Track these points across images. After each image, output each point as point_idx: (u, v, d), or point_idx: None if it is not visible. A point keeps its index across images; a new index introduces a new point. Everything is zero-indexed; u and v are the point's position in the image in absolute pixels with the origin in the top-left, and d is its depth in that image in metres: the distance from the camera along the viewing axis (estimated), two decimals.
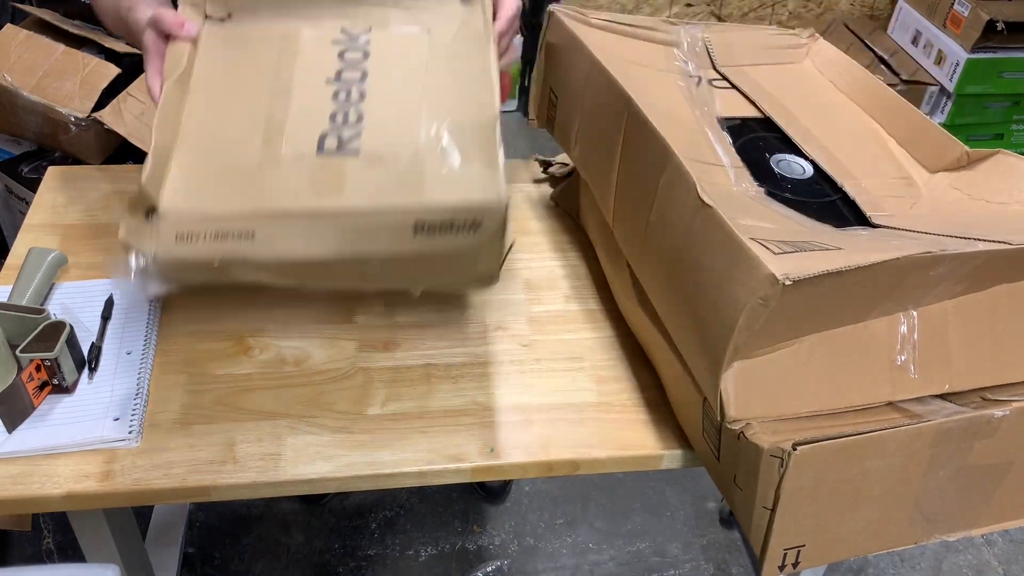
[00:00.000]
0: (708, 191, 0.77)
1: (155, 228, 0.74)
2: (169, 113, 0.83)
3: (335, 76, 0.85)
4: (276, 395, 0.93)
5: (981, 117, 2.78)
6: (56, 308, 1.01)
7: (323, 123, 0.80)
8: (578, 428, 0.93)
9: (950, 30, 2.69)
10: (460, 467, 0.88)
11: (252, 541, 1.67)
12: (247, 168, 0.77)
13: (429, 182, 0.76)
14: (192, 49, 0.88)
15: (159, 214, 0.74)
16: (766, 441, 0.72)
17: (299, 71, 0.86)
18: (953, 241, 0.77)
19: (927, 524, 0.82)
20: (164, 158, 0.79)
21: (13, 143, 1.93)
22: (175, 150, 0.79)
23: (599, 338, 1.04)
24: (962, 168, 0.96)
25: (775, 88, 1.10)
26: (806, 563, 0.79)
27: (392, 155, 0.77)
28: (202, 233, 0.75)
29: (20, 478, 0.83)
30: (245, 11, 0.90)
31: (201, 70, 0.87)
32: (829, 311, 0.75)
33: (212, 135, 0.82)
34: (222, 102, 0.84)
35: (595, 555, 1.70)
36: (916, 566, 1.73)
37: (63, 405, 0.89)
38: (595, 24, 1.11)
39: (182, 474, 0.84)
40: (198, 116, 0.83)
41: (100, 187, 1.20)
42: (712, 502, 1.82)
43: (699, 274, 0.78)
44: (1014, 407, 0.77)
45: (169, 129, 0.82)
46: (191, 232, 0.75)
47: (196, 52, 0.88)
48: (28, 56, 1.81)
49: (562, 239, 1.20)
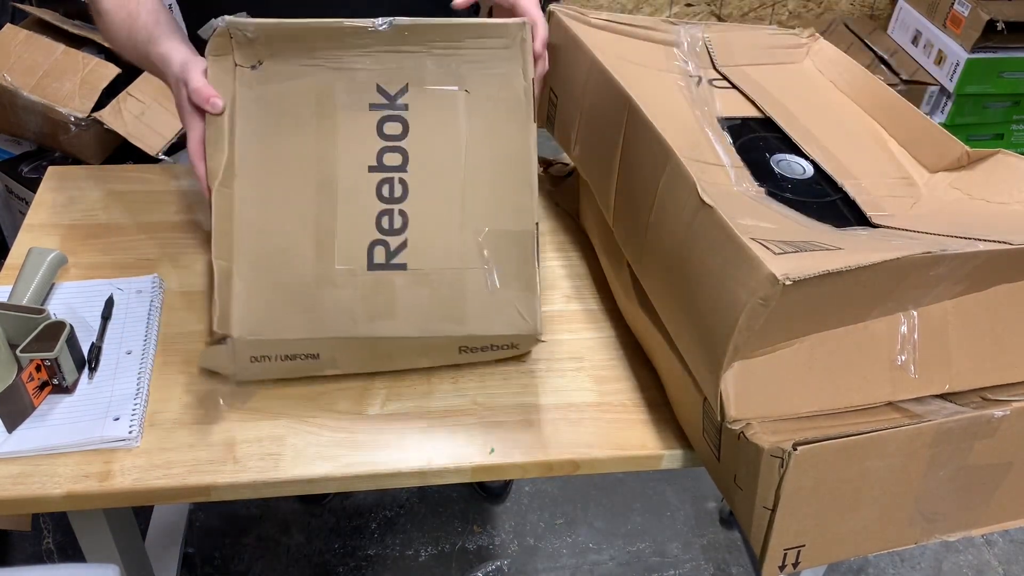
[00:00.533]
0: (708, 191, 0.77)
1: (231, 352, 0.82)
2: (223, 225, 0.84)
3: (377, 162, 0.86)
4: (276, 395, 0.93)
5: (981, 117, 2.78)
6: (56, 308, 1.01)
7: (370, 229, 0.85)
8: (578, 428, 0.93)
9: (950, 30, 2.69)
10: (460, 467, 0.88)
11: (252, 541, 1.67)
12: (305, 287, 0.84)
13: (471, 310, 0.86)
14: (231, 123, 0.85)
15: (234, 341, 0.81)
16: (766, 441, 0.72)
17: (342, 154, 0.85)
18: (953, 241, 0.77)
19: (927, 524, 0.82)
20: (227, 281, 0.84)
21: (13, 143, 1.93)
22: (234, 268, 0.82)
23: (599, 338, 1.04)
24: (962, 168, 0.96)
25: (775, 88, 1.10)
26: (806, 563, 0.79)
27: (436, 275, 0.85)
28: (273, 356, 0.86)
29: (20, 478, 0.83)
30: (275, 58, 0.85)
31: (244, 155, 0.85)
32: (829, 311, 0.75)
33: (266, 245, 0.83)
34: (270, 200, 0.84)
35: (595, 555, 1.70)
36: (916, 566, 1.73)
37: (63, 405, 0.89)
38: (595, 24, 1.11)
39: (182, 474, 0.84)
40: (249, 221, 0.83)
41: (100, 187, 1.20)
42: (712, 502, 1.82)
43: (699, 274, 0.78)
44: (1014, 407, 0.77)
45: (226, 246, 0.84)
46: (263, 355, 0.85)
47: (235, 128, 0.85)
48: (28, 56, 1.81)
49: (562, 239, 1.20)
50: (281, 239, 0.84)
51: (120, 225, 1.14)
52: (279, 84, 0.85)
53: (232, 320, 0.81)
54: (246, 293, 0.81)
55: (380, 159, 0.86)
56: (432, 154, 0.87)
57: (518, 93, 0.88)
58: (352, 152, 0.86)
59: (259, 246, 0.84)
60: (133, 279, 1.05)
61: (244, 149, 0.85)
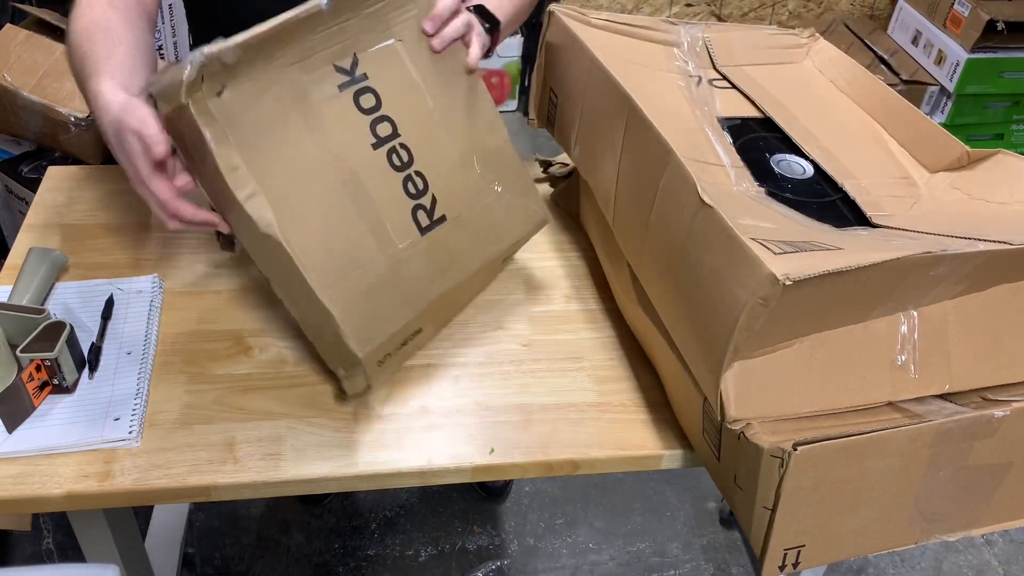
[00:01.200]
0: (708, 191, 0.77)
1: (363, 370, 0.87)
2: (290, 271, 0.84)
3: (375, 137, 0.89)
4: (276, 395, 0.93)
5: (981, 117, 2.78)
6: (56, 308, 1.01)
7: (403, 199, 0.90)
8: (578, 428, 0.93)
9: (950, 30, 2.69)
10: (460, 467, 0.88)
11: (252, 541, 1.67)
12: (384, 278, 0.88)
13: (502, 227, 0.99)
14: (238, 158, 0.80)
15: (361, 361, 0.85)
16: (766, 441, 0.72)
17: (343, 144, 0.87)
18: (953, 241, 0.77)
19: (927, 524, 0.82)
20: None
21: (13, 143, 1.93)
22: (326, 301, 0.83)
23: (599, 338, 1.04)
24: (962, 168, 0.96)
25: (775, 88, 1.10)
26: (806, 563, 0.79)
27: (467, 213, 0.95)
28: (392, 351, 0.92)
29: (20, 478, 0.83)
30: (238, 79, 0.80)
31: (264, 182, 0.81)
32: (829, 311, 0.75)
33: (336, 262, 0.84)
34: (312, 220, 0.84)
35: (595, 555, 1.70)
36: (916, 566, 1.73)
37: (63, 405, 0.89)
38: (595, 24, 1.11)
39: (182, 474, 0.84)
40: (310, 252, 0.82)
41: (100, 187, 1.20)
42: (712, 502, 1.82)
43: (699, 274, 0.78)
44: (1014, 407, 0.77)
45: (306, 289, 0.83)
46: (385, 355, 0.90)
47: (239, 158, 0.80)
48: (28, 56, 1.81)
49: (562, 239, 1.20)
50: (343, 249, 0.85)
51: (120, 225, 1.14)
52: (252, 104, 0.82)
53: (349, 341, 0.84)
54: (345, 314, 0.84)
55: (375, 133, 0.89)
56: (409, 110, 0.91)
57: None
58: (350, 138, 0.87)
59: (330, 266, 0.84)
60: (133, 279, 1.05)
61: (261, 175, 0.82)
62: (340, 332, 0.83)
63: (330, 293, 0.83)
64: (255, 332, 1.01)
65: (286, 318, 1.02)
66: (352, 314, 0.84)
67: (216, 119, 0.78)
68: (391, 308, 0.89)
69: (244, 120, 0.80)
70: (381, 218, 0.88)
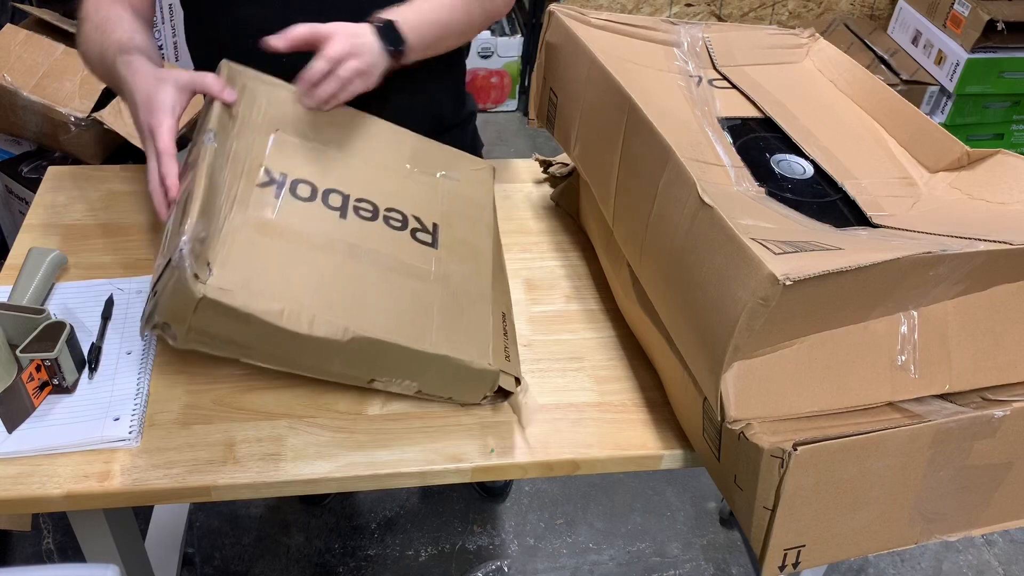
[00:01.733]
0: (708, 191, 0.77)
1: (501, 373, 0.90)
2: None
3: (334, 210, 0.94)
4: (276, 395, 0.93)
5: (981, 117, 2.78)
6: (56, 308, 1.01)
7: (399, 235, 0.96)
8: (578, 428, 0.93)
9: (950, 30, 2.69)
10: (460, 467, 0.88)
11: (252, 541, 1.67)
12: (445, 298, 0.93)
13: (473, 197, 1.09)
14: (276, 303, 0.81)
15: (497, 369, 0.89)
16: (766, 441, 0.72)
17: (325, 233, 0.91)
18: (953, 241, 0.77)
19: (927, 524, 0.82)
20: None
21: (13, 143, 1.93)
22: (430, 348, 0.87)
23: (599, 338, 1.04)
24: (962, 168, 0.96)
25: (775, 88, 1.10)
26: (806, 563, 0.79)
27: (445, 208, 1.04)
28: (505, 344, 0.94)
29: (20, 478, 0.83)
30: (210, 246, 0.82)
31: (304, 302, 0.83)
32: (829, 311, 0.75)
33: (404, 315, 0.88)
34: (360, 298, 0.87)
35: (595, 555, 1.70)
36: (916, 566, 1.73)
37: (63, 405, 0.89)
38: (595, 24, 1.11)
39: (182, 474, 0.84)
40: (379, 323, 0.85)
41: (100, 187, 1.20)
42: (712, 502, 1.82)
43: (699, 274, 0.78)
44: (1014, 407, 0.77)
45: (410, 347, 0.86)
46: (504, 349, 0.94)
47: (276, 303, 0.81)
48: (28, 56, 1.81)
49: (562, 239, 1.20)
50: (405, 303, 0.90)
51: (120, 225, 1.14)
52: (240, 257, 0.83)
53: (480, 364, 0.88)
54: (453, 346, 0.88)
55: (331, 206, 0.95)
56: (336, 170, 0.99)
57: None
58: (321, 224, 0.92)
59: (408, 322, 0.88)
60: (133, 279, 1.05)
61: (303, 306, 0.84)
62: (463, 362, 0.87)
63: (431, 340, 0.87)
64: None
65: None
66: (458, 343, 0.88)
67: (230, 290, 0.79)
68: (473, 315, 0.93)
69: (246, 272, 0.82)
70: (403, 260, 0.93)
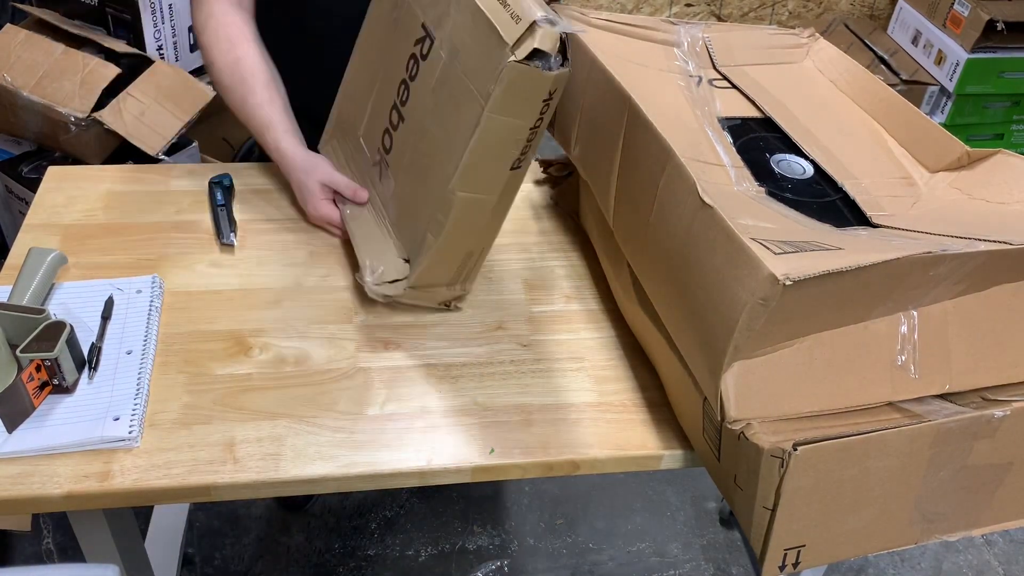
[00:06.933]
0: (708, 191, 0.77)
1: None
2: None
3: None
4: (276, 395, 0.93)
5: (981, 117, 2.78)
6: (56, 308, 1.00)
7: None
8: (578, 428, 0.93)
9: (950, 30, 2.69)
10: (460, 467, 0.88)
11: (252, 541, 1.67)
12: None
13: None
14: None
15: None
16: (766, 441, 0.72)
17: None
18: (953, 241, 0.77)
19: (927, 524, 0.82)
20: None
21: (13, 143, 1.93)
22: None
23: (599, 338, 1.04)
24: (962, 168, 0.96)
25: (775, 88, 1.10)
26: (806, 563, 0.79)
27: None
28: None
29: (20, 478, 0.83)
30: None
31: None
32: (829, 311, 0.75)
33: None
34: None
35: (595, 555, 1.70)
36: (916, 566, 1.73)
37: (63, 405, 0.89)
38: (595, 24, 1.11)
39: (182, 474, 0.84)
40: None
41: (100, 187, 1.20)
42: (712, 502, 1.82)
43: (699, 274, 0.78)
44: (1014, 407, 0.77)
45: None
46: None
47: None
48: (28, 56, 1.81)
49: (562, 239, 1.20)
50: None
51: (120, 225, 1.14)
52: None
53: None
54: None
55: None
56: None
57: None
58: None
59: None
60: (133, 279, 1.05)
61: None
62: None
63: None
64: (255, 332, 1.01)
65: (286, 318, 1.03)
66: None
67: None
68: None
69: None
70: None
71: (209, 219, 1.16)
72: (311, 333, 1.01)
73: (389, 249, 1.03)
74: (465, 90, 0.87)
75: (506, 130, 0.87)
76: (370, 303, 1.06)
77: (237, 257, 1.11)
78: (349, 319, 1.04)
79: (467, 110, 0.87)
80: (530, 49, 0.80)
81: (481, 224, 0.95)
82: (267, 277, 1.08)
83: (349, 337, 1.01)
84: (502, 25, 0.83)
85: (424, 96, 0.95)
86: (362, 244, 1.06)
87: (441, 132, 0.92)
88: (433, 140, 0.94)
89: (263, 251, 1.12)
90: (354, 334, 1.02)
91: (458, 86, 0.89)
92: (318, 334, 1.01)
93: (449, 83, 0.91)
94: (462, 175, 0.89)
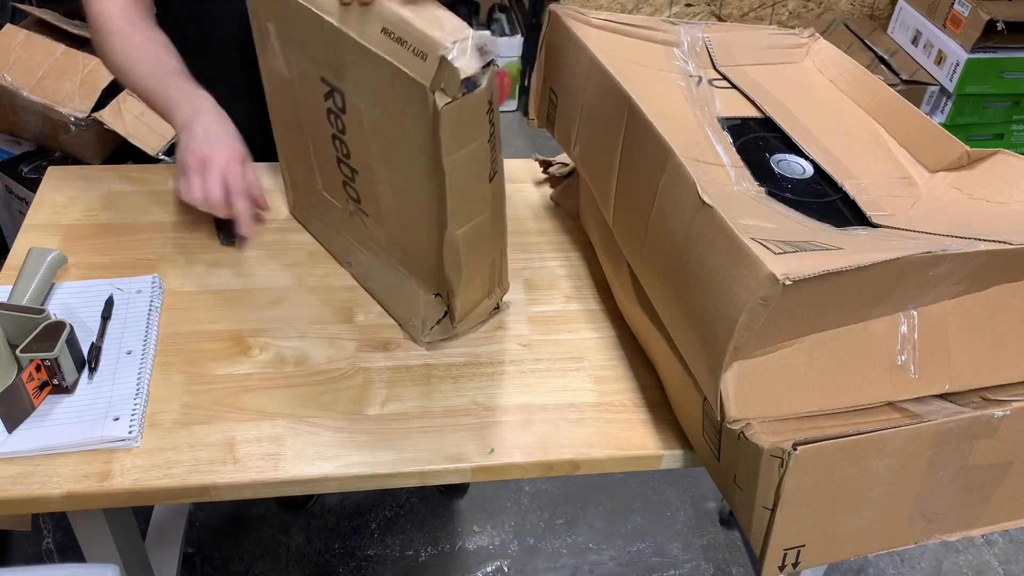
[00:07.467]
0: (708, 191, 0.77)
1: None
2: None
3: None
4: (276, 395, 0.93)
5: (981, 117, 2.78)
6: (56, 308, 1.00)
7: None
8: (578, 428, 0.93)
9: (950, 30, 2.69)
10: (460, 467, 0.88)
11: (252, 541, 1.67)
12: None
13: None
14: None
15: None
16: (766, 441, 0.72)
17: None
18: (953, 241, 0.77)
19: (927, 524, 0.82)
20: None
21: (13, 143, 1.93)
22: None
23: (599, 338, 1.04)
24: (962, 168, 0.96)
25: (775, 88, 1.10)
26: (806, 563, 0.79)
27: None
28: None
29: (20, 478, 0.83)
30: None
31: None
32: (829, 311, 0.75)
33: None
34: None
35: (595, 555, 1.70)
36: (916, 566, 1.73)
37: (63, 405, 0.89)
38: (595, 24, 1.11)
39: (182, 474, 0.84)
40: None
41: (100, 187, 1.20)
42: (712, 502, 1.82)
43: (699, 274, 0.78)
44: (1014, 407, 0.77)
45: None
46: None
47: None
48: (28, 56, 1.81)
49: (562, 239, 1.20)
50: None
51: (120, 225, 1.14)
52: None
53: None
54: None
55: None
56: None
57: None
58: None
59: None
60: (133, 279, 1.05)
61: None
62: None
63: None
64: (255, 332, 1.01)
65: (286, 318, 1.03)
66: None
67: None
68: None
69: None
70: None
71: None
72: (311, 333, 1.01)
73: (415, 292, 1.01)
74: (407, 139, 0.84)
75: (469, 158, 0.83)
76: (370, 303, 1.06)
77: (237, 257, 1.11)
78: (349, 319, 1.04)
79: (422, 158, 0.83)
80: (456, 83, 0.75)
81: (488, 237, 0.94)
82: (267, 277, 1.08)
83: (349, 337, 1.01)
84: (410, 67, 0.77)
85: (364, 146, 0.92)
86: (389, 302, 1.05)
87: (405, 179, 0.90)
88: (401, 189, 0.92)
89: (263, 251, 1.12)
90: (354, 334, 1.02)
91: (396, 134, 0.86)
92: (318, 334, 1.01)
93: (385, 132, 0.87)
94: (453, 216, 0.87)
